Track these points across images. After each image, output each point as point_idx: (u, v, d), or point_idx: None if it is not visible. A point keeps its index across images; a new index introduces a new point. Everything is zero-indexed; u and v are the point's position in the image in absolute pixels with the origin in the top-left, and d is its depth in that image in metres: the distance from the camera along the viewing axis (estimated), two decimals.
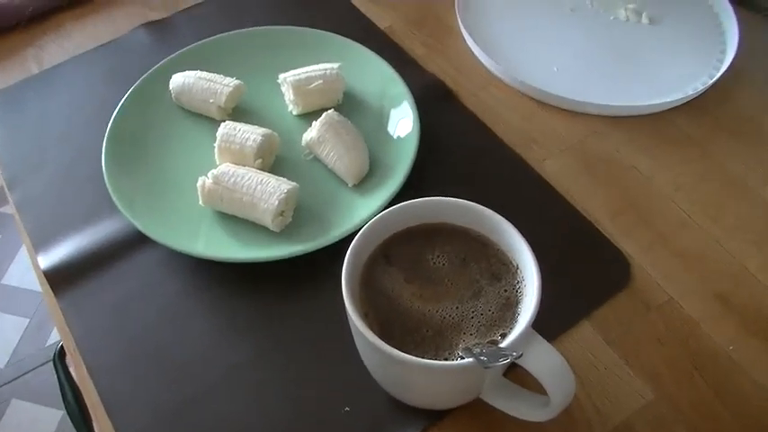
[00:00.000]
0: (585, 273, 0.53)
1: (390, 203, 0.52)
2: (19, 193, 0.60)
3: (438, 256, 0.43)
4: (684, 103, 0.62)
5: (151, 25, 0.71)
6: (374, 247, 0.44)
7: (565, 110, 0.63)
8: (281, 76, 0.61)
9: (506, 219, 0.43)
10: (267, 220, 0.53)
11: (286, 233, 0.54)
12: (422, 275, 0.43)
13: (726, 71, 0.63)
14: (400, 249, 0.44)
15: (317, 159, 0.59)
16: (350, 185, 0.56)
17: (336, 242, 0.52)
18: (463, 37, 0.69)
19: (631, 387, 0.47)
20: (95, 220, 0.57)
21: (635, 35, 0.68)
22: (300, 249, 0.52)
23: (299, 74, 0.60)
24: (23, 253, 1.64)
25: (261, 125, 0.58)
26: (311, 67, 0.60)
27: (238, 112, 0.62)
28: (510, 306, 0.41)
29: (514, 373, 0.43)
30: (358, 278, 0.42)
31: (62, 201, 0.59)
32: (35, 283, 0.58)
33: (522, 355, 0.35)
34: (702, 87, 0.62)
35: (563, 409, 0.40)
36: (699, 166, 0.59)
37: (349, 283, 0.40)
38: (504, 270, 0.43)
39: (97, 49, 0.70)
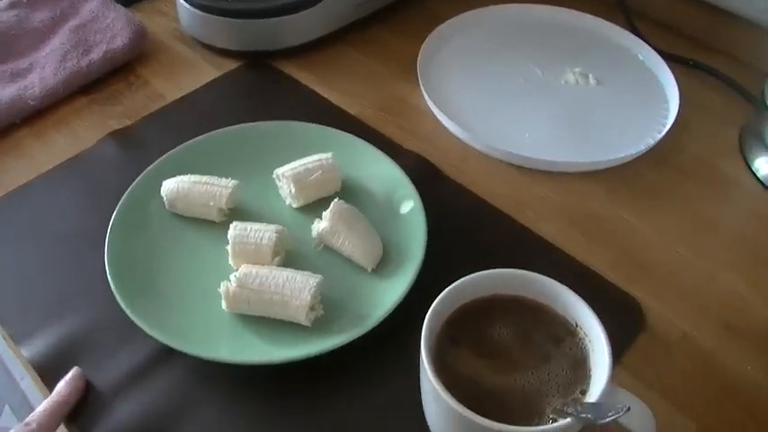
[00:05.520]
0: (607, 321, 0.55)
1: (414, 284, 0.54)
2: (8, 325, 0.55)
3: (500, 328, 0.45)
4: (647, 153, 0.68)
5: (117, 134, 0.69)
6: (438, 331, 0.44)
7: (543, 171, 0.67)
8: (277, 171, 0.61)
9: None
10: (300, 316, 0.52)
11: (317, 327, 0.53)
12: (491, 349, 0.44)
13: (674, 121, 0.70)
14: (463, 328, 0.45)
15: (327, 249, 0.59)
16: (369, 270, 0.57)
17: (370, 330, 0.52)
18: (434, 116, 0.72)
19: (675, 421, 0.50)
20: (104, 346, 0.54)
21: (587, 96, 0.74)
22: (340, 341, 0.51)
23: (295, 167, 0.60)
24: None
25: (262, 221, 0.58)
26: (305, 160, 0.61)
27: (236, 211, 0.61)
28: (579, 363, 0.43)
29: None
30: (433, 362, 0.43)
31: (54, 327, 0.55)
32: None
33: (629, 408, 0.37)
34: (659, 136, 0.68)
35: None
36: (673, 210, 0.65)
37: (432, 368, 0.41)
38: (563, 330, 0.45)
39: (64, 165, 0.67)
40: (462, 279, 0.45)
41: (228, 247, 0.56)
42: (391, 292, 0.54)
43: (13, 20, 0.78)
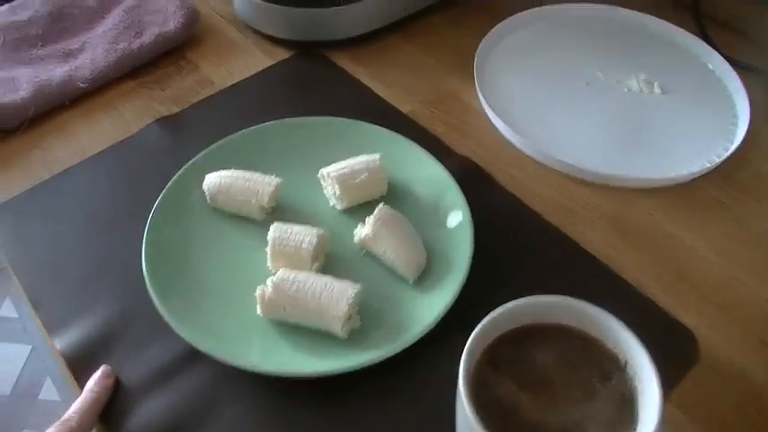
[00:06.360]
0: (655, 352, 0.52)
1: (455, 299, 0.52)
2: (42, 312, 0.55)
3: (544, 359, 0.42)
4: (710, 170, 0.64)
5: (163, 121, 0.68)
6: (478, 357, 0.42)
7: (599, 183, 0.64)
8: (323, 171, 0.60)
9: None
10: (336, 327, 0.50)
11: (353, 339, 0.51)
12: (533, 380, 0.42)
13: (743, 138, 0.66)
14: (505, 355, 0.42)
15: (369, 255, 0.57)
16: (410, 282, 0.55)
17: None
18: (487, 116, 0.69)
19: None
20: (135, 340, 0.53)
21: (650, 106, 0.70)
22: (375, 356, 0.49)
23: (342, 168, 0.59)
24: None
25: (304, 222, 0.56)
26: (353, 160, 0.59)
27: (278, 209, 0.60)
28: (627, 403, 0.41)
29: None
30: (470, 390, 0.41)
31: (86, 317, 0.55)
32: None
33: None
34: (726, 153, 0.64)
35: None
36: (734, 231, 0.61)
37: (468, 397, 0.39)
38: (612, 366, 0.42)
39: (109, 150, 0.66)
40: (506, 305, 0.43)
41: (267, 249, 0.55)
42: (431, 307, 0.52)
43: None
